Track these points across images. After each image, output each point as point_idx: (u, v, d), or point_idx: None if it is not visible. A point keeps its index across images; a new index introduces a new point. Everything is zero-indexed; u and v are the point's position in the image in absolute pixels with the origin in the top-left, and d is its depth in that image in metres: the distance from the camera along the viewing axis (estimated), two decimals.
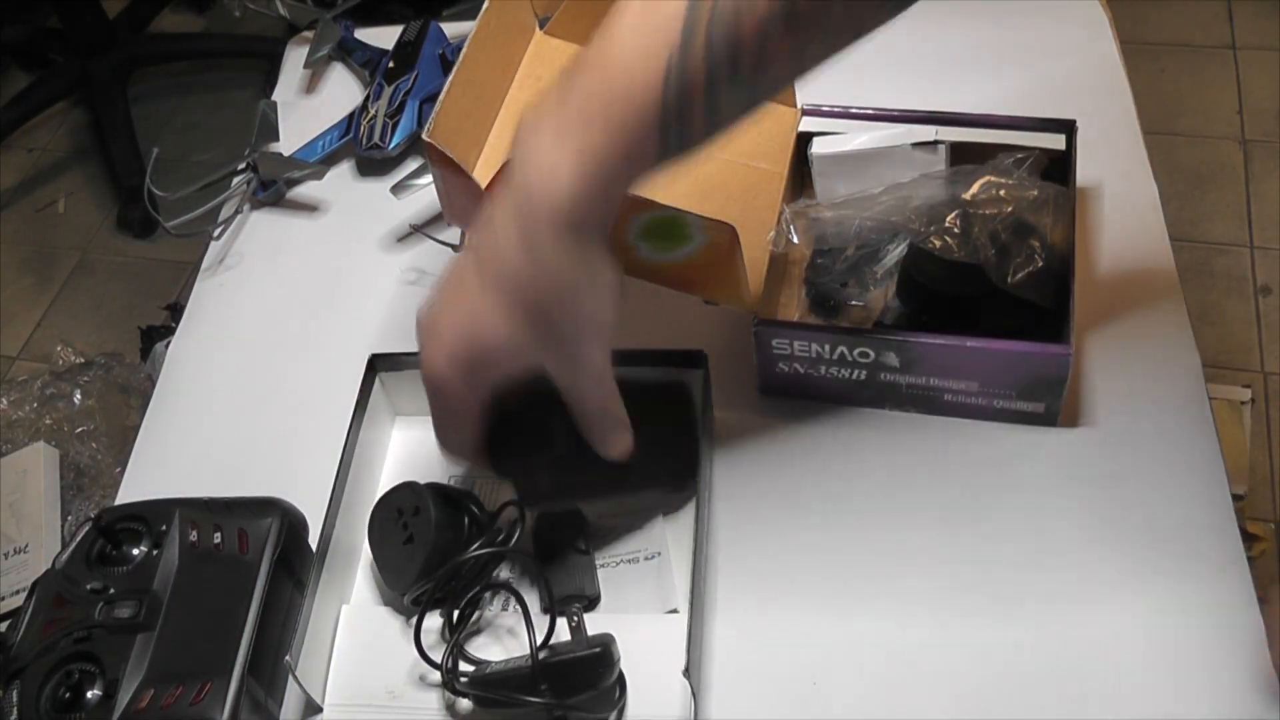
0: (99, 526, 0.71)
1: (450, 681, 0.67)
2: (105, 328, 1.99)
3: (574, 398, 0.63)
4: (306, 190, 1.02)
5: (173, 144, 2.26)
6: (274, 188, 1.01)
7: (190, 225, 0.99)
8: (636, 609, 0.72)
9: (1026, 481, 0.74)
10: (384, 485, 0.79)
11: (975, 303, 0.75)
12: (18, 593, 1.37)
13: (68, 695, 0.64)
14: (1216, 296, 1.84)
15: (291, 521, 0.73)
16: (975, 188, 0.77)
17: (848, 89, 0.83)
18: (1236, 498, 0.90)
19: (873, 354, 0.74)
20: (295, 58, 1.13)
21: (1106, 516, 0.72)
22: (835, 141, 0.84)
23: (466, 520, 0.73)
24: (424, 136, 0.72)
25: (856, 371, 0.76)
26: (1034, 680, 0.66)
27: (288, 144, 1.05)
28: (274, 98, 1.09)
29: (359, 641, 0.72)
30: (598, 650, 0.65)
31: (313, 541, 0.74)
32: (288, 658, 0.65)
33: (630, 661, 0.66)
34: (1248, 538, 0.74)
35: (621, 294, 0.60)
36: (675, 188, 0.67)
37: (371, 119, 1.01)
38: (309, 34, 1.13)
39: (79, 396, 1.60)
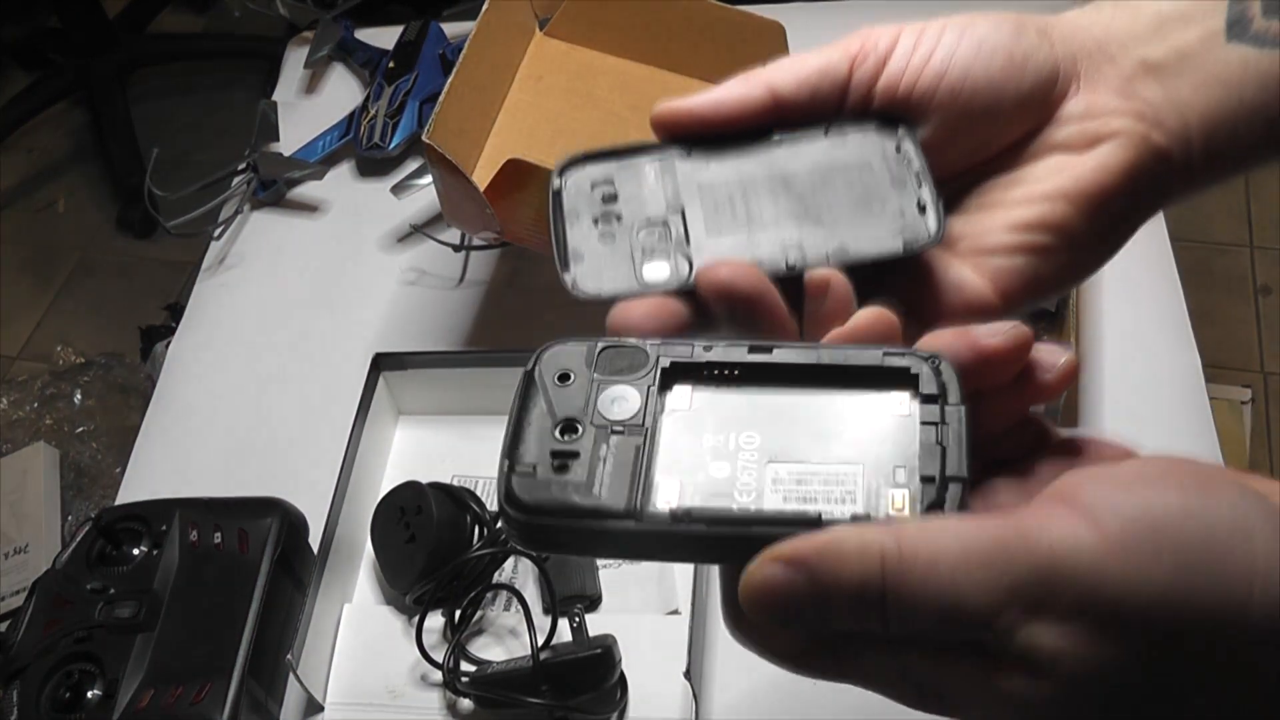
0: (99, 526, 0.71)
1: (451, 681, 0.67)
2: (105, 328, 1.99)
3: None
4: (306, 190, 1.02)
5: (173, 144, 2.26)
6: (274, 188, 1.01)
7: (190, 225, 0.99)
8: (638, 610, 0.71)
9: None
10: (387, 484, 0.79)
11: None
12: (18, 593, 1.37)
13: (68, 695, 0.64)
14: (1216, 296, 1.83)
15: (291, 521, 0.73)
16: None
17: None
18: None
19: None
20: (295, 58, 1.13)
21: None
22: None
23: (469, 520, 0.73)
24: (424, 138, 0.72)
25: None
26: None
27: (288, 144, 1.05)
28: (274, 98, 1.09)
29: (360, 640, 0.72)
30: (599, 651, 0.65)
31: (314, 541, 0.74)
32: (289, 656, 0.65)
33: (631, 662, 0.66)
34: None
35: None
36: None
37: (371, 119, 1.01)
38: (309, 34, 1.13)
39: (79, 396, 1.60)
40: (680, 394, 0.34)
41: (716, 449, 0.33)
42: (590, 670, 0.65)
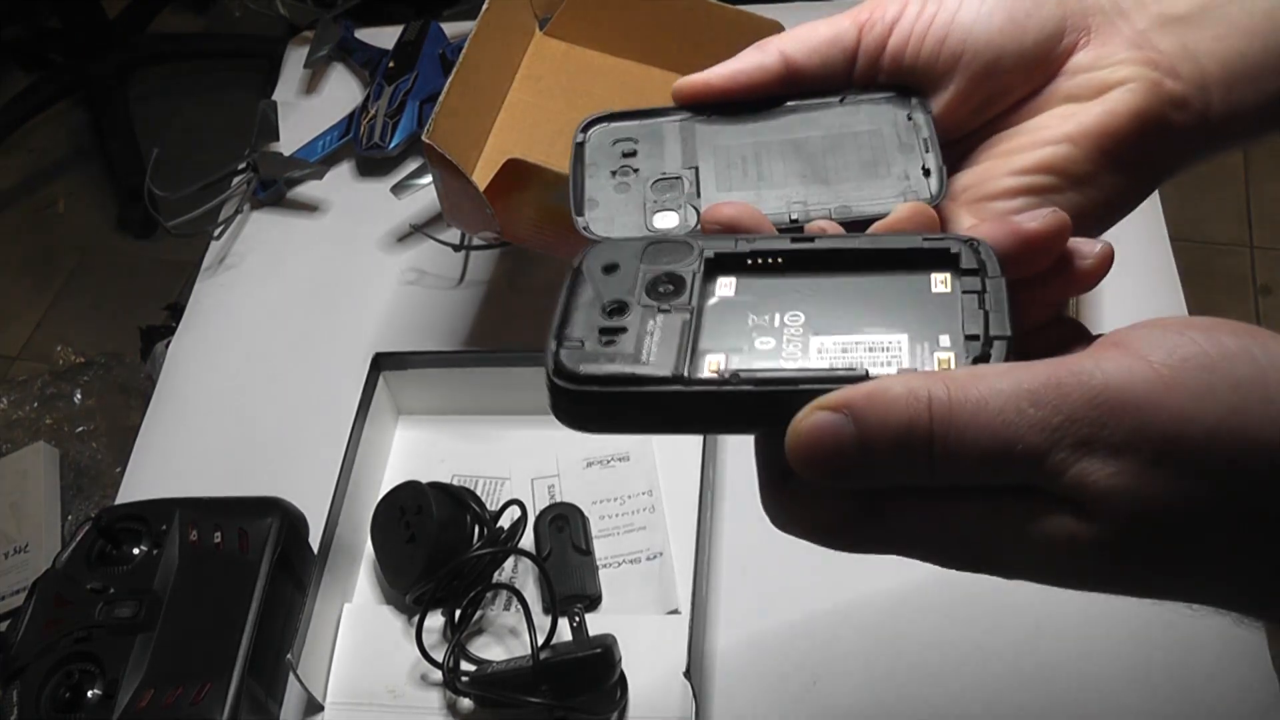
0: (99, 526, 0.71)
1: (451, 681, 0.67)
2: (105, 328, 1.99)
3: None
4: (306, 190, 1.02)
5: (173, 144, 2.25)
6: (274, 188, 1.01)
7: (190, 225, 0.99)
8: (638, 609, 0.71)
9: None
10: (387, 484, 0.79)
11: None
12: (18, 593, 1.37)
13: (68, 695, 0.64)
14: (1216, 296, 1.83)
15: (291, 521, 0.73)
16: None
17: None
18: None
19: None
20: (295, 58, 1.13)
21: None
22: None
23: (469, 519, 0.73)
24: (424, 138, 0.72)
25: None
26: (1034, 677, 0.66)
27: (288, 144, 1.05)
28: (274, 98, 1.09)
29: (360, 640, 0.72)
30: (599, 651, 0.65)
31: (314, 541, 0.74)
32: (289, 656, 0.65)
33: (631, 662, 0.66)
34: None
35: None
36: None
37: (371, 119, 1.01)
38: (309, 34, 1.13)
39: (79, 396, 1.60)
40: (725, 281, 0.35)
41: (761, 326, 0.34)
42: (590, 670, 0.65)
